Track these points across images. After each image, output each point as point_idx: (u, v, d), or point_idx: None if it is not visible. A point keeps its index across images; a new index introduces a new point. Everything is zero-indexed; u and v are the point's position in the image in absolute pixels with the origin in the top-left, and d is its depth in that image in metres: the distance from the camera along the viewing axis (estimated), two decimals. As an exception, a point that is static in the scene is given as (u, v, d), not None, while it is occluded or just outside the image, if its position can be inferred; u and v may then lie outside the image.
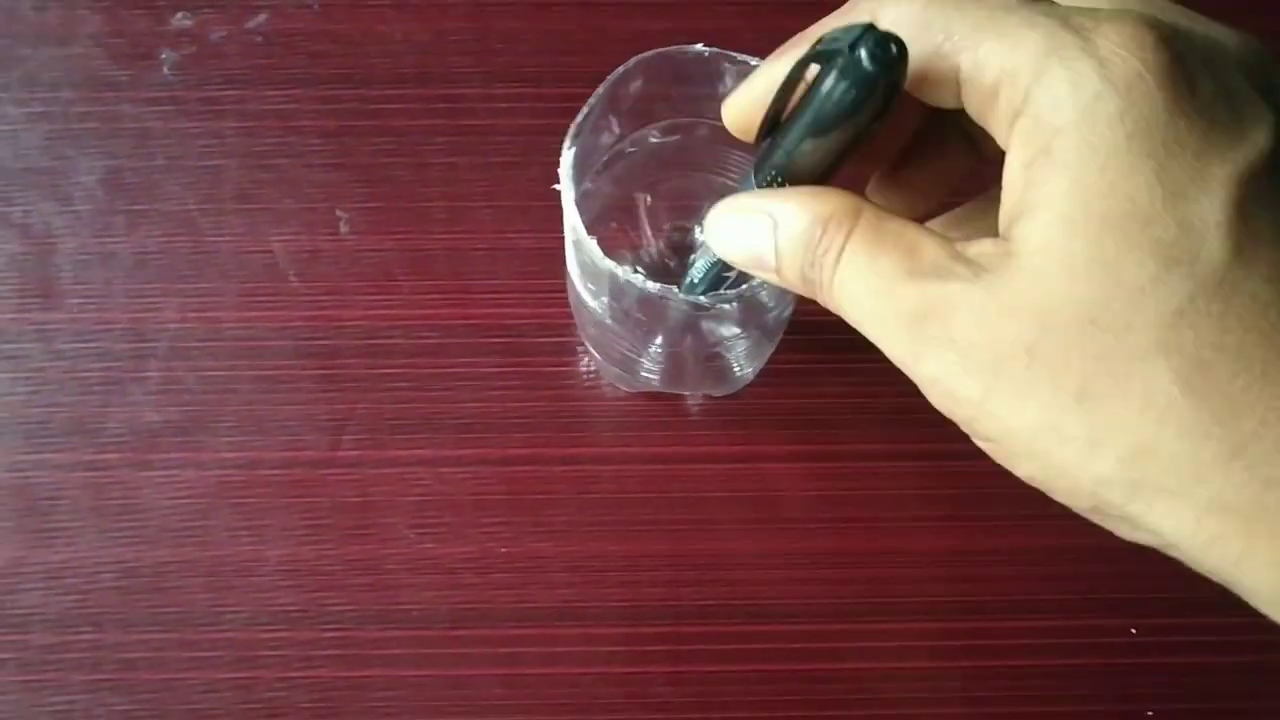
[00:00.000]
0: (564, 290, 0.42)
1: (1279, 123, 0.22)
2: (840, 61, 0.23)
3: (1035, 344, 0.22)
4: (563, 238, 0.36)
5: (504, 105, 0.46)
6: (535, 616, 0.40)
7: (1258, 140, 0.22)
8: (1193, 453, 0.21)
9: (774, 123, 0.27)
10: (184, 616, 0.40)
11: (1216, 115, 0.22)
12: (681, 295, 0.33)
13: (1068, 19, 0.22)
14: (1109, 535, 0.42)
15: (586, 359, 0.43)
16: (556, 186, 0.33)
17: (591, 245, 0.32)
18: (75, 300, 0.44)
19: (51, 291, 0.44)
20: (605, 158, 0.38)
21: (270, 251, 0.44)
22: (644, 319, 0.37)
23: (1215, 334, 0.21)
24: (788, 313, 0.38)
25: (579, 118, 0.34)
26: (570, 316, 0.42)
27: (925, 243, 0.24)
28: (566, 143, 0.34)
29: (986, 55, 0.23)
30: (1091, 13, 0.22)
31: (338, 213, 0.45)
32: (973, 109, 0.24)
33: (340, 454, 0.42)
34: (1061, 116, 0.22)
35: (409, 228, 0.45)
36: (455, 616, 0.40)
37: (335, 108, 0.46)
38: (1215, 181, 0.21)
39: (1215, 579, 0.23)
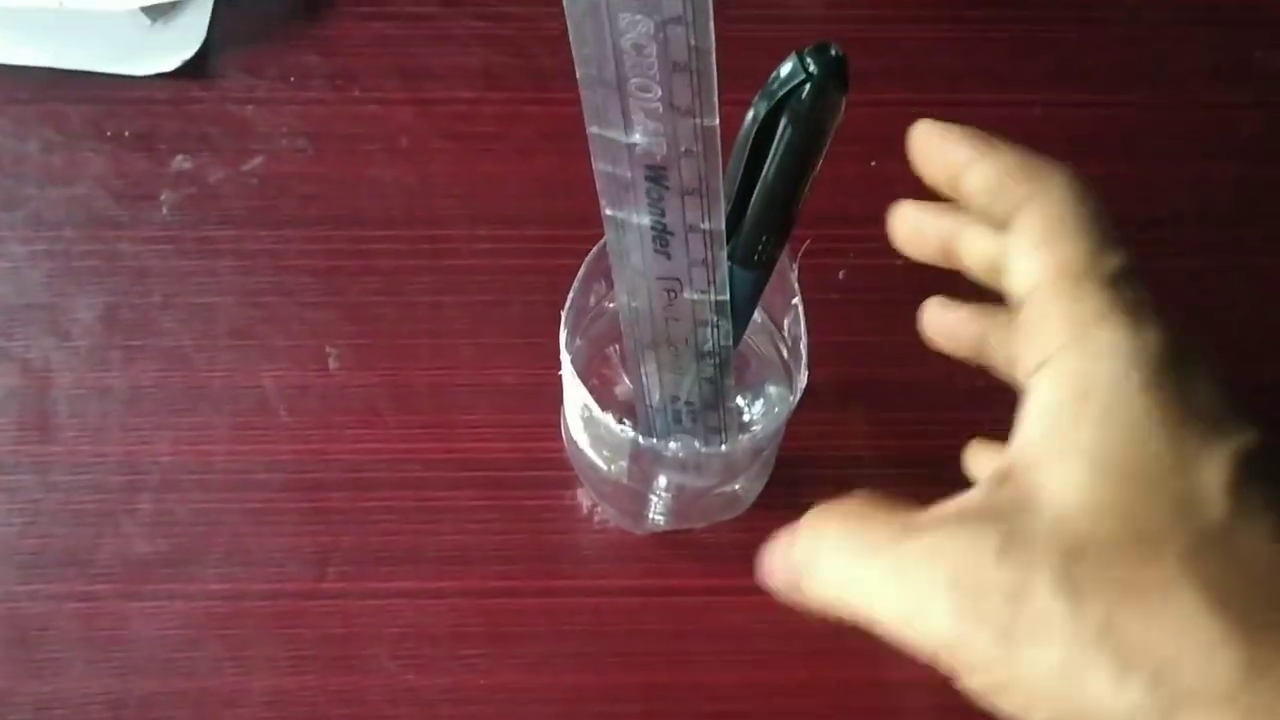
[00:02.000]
0: (545, 425, 0.44)
1: (1257, 423, 0.25)
2: (802, 91, 0.26)
3: (1062, 575, 0.23)
4: (543, 373, 0.37)
5: (487, 246, 0.49)
6: (512, 748, 0.41)
7: (1251, 434, 0.25)
8: (1223, 667, 0.22)
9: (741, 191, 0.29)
10: (169, 747, 0.41)
11: (1216, 409, 0.25)
12: (704, 449, 0.34)
13: (1133, 307, 0.25)
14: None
15: (595, 508, 0.45)
16: (560, 372, 0.35)
17: (608, 420, 0.34)
18: (71, 433, 0.45)
19: (48, 425, 0.45)
20: (589, 318, 0.40)
21: (261, 386, 0.46)
22: (661, 472, 0.38)
23: (1221, 571, 0.23)
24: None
25: (570, 295, 0.36)
26: (554, 450, 0.43)
27: (917, 512, 0.26)
28: (563, 319, 0.35)
29: (1051, 303, 0.26)
30: (1148, 307, 0.25)
31: (327, 349, 0.47)
32: (1026, 325, 0.27)
33: (325, 585, 0.43)
34: (1097, 376, 0.24)
35: (394, 363, 0.47)
36: (434, 748, 0.41)
37: (326, 248, 0.48)
38: (1218, 458, 0.24)
39: None
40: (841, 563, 0.26)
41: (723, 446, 0.36)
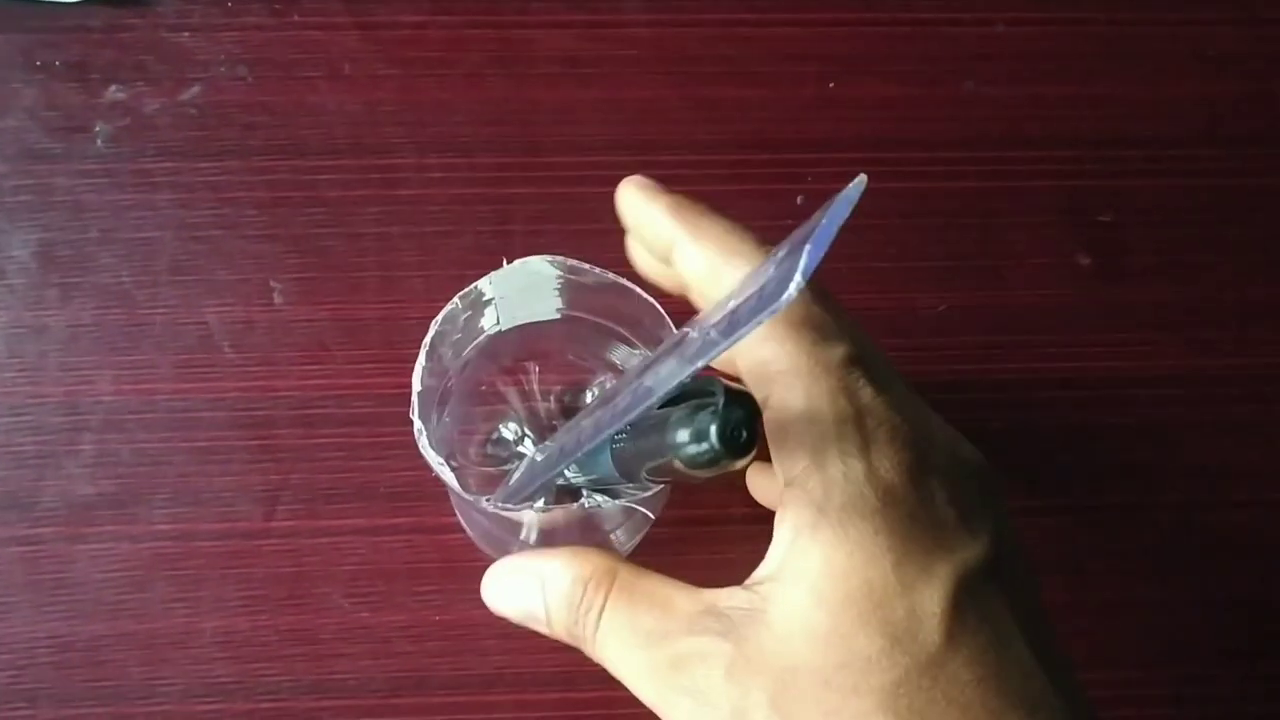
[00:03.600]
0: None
1: (995, 530, 0.27)
2: (696, 427, 0.25)
3: (775, 697, 0.25)
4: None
5: (436, 175, 0.47)
6: (470, 684, 0.41)
7: (977, 548, 0.26)
8: None
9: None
10: (119, 690, 0.40)
11: (947, 522, 0.26)
12: (535, 509, 0.34)
13: (860, 418, 0.26)
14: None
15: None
16: (413, 417, 0.35)
17: (449, 477, 0.34)
18: (9, 374, 0.44)
19: (-15, 365, 0.44)
20: (483, 338, 0.39)
21: (205, 323, 0.45)
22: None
23: (924, 704, 0.25)
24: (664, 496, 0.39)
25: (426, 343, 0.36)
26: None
27: (678, 598, 0.28)
28: (421, 359, 0.35)
29: (787, 412, 0.27)
30: (878, 415, 0.26)
31: (272, 283, 0.45)
32: (769, 435, 0.27)
33: (275, 524, 0.42)
34: (830, 502, 0.26)
35: (342, 297, 0.45)
36: (391, 685, 0.41)
37: (268, 179, 0.47)
38: (939, 579, 0.25)
39: None
40: (611, 644, 0.28)
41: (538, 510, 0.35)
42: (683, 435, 0.25)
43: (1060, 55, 0.51)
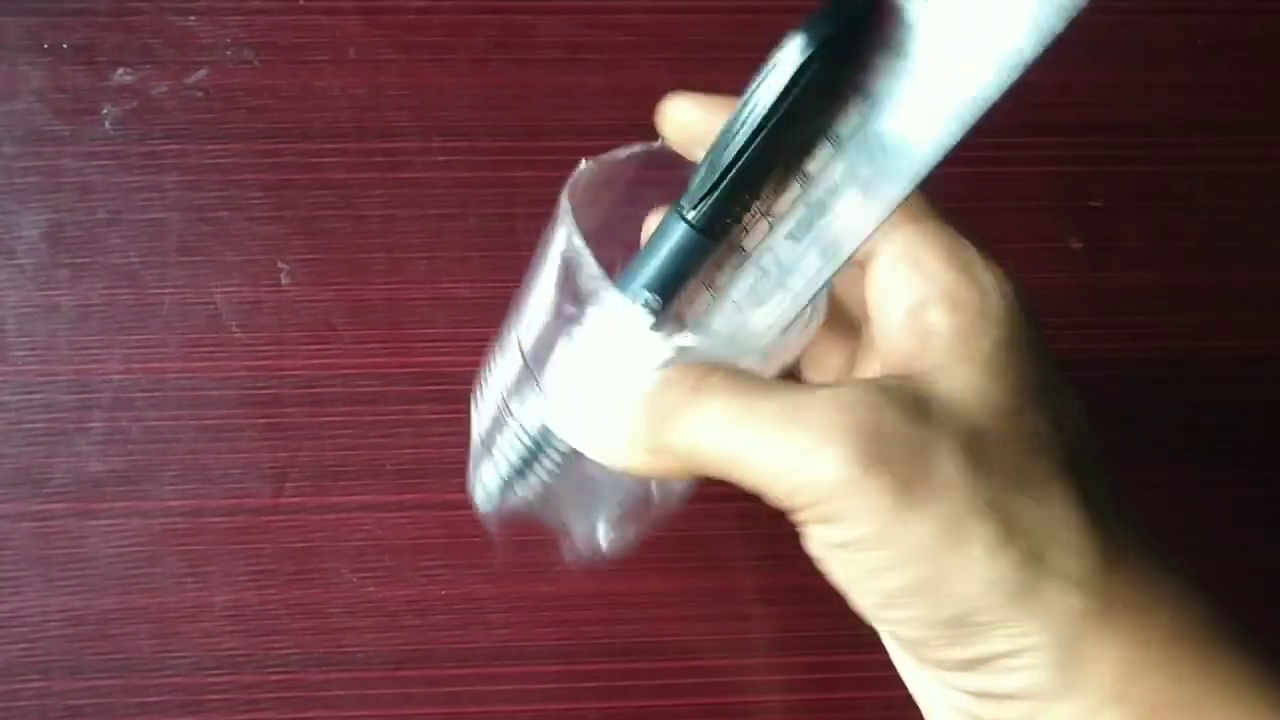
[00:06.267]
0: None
1: None
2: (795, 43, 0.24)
3: (963, 450, 0.25)
4: (498, 285, 0.36)
5: (440, 159, 0.48)
6: (475, 656, 0.42)
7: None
8: (1086, 556, 0.25)
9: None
10: (130, 663, 0.41)
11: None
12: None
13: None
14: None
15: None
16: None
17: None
18: (19, 353, 0.45)
19: (-5, 344, 0.45)
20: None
21: (213, 303, 0.46)
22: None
23: (1091, 478, 0.26)
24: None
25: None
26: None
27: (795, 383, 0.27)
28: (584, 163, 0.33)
29: (906, 237, 0.28)
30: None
31: (279, 264, 0.46)
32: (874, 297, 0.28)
33: (283, 501, 0.43)
34: (994, 301, 0.27)
35: (348, 278, 0.46)
36: (397, 658, 0.42)
37: (275, 161, 0.48)
38: (1075, 395, 0.27)
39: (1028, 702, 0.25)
40: (727, 403, 0.26)
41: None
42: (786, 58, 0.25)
43: (1071, 42, 0.52)
